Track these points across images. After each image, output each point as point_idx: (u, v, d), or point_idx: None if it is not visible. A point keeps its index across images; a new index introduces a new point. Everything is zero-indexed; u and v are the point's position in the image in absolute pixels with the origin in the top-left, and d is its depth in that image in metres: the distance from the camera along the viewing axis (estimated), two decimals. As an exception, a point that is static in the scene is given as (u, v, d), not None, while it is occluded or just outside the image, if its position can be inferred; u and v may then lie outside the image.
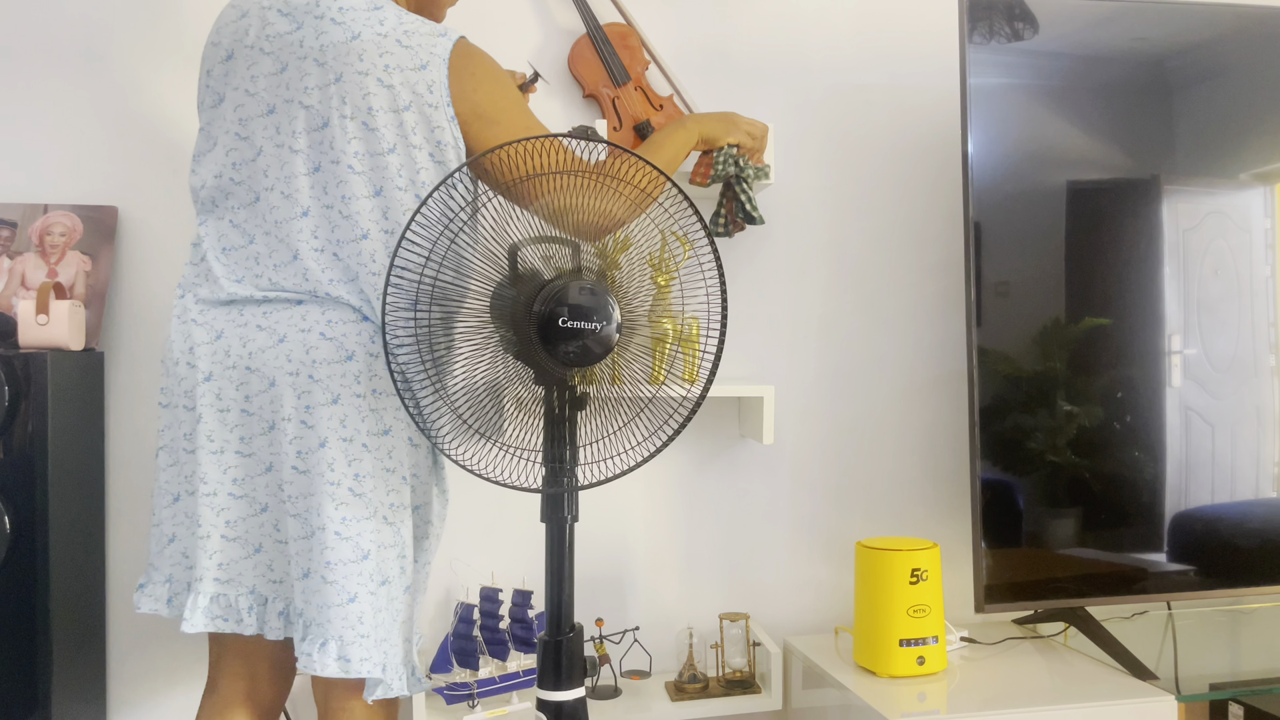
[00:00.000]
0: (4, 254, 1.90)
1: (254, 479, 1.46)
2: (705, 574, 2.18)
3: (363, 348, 1.42)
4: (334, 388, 1.41)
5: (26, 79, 1.95)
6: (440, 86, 1.42)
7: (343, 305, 1.43)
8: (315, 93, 1.43)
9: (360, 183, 1.42)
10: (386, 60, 1.42)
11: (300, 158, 1.44)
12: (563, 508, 1.37)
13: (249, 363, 1.43)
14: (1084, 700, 1.71)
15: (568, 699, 1.35)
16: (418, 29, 1.45)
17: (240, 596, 1.48)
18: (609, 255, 1.38)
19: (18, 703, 1.68)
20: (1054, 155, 1.98)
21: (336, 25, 1.43)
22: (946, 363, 2.27)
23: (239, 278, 1.47)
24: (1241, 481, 2.05)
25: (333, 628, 1.38)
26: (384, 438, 1.43)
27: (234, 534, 1.47)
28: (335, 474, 1.40)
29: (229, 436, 1.45)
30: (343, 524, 1.39)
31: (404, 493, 1.44)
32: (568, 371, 1.34)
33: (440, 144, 1.43)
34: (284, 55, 1.45)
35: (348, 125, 1.42)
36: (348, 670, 1.38)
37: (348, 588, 1.39)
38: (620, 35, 2.08)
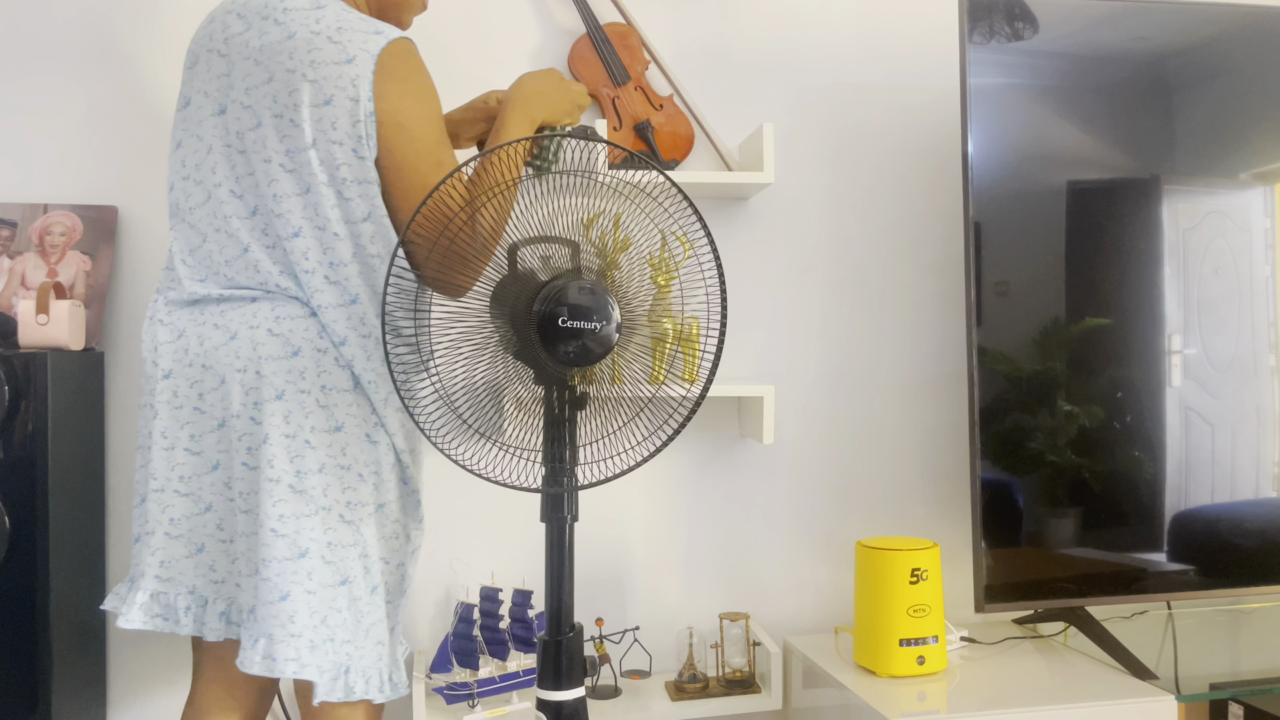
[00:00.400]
0: (4, 254, 1.90)
1: (200, 477, 1.45)
2: (705, 574, 2.18)
3: (310, 343, 1.41)
4: (279, 383, 1.40)
5: (26, 79, 1.95)
6: (364, 81, 1.40)
7: (292, 300, 1.43)
8: (253, 92, 1.43)
9: (290, 180, 1.41)
10: (314, 56, 1.40)
11: (243, 158, 1.44)
12: (563, 508, 1.37)
13: (204, 360, 1.44)
14: (1084, 700, 1.71)
15: (568, 699, 1.35)
16: (354, 26, 1.43)
17: (179, 596, 1.47)
18: (609, 255, 1.38)
19: (18, 703, 1.68)
20: (1054, 155, 1.98)
21: (277, 26, 1.44)
22: (946, 363, 2.27)
23: (202, 277, 1.47)
24: (1241, 481, 2.05)
25: (263, 625, 1.37)
26: (335, 434, 1.41)
27: (177, 532, 1.47)
28: (275, 470, 1.38)
29: (180, 434, 1.46)
30: (279, 521, 1.38)
31: (361, 490, 1.42)
32: (568, 371, 1.34)
33: (360, 139, 1.40)
34: (234, 57, 1.46)
35: (278, 124, 1.41)
36: (272, 669, 1.35)
37: (280, 585, 1.37)
38: (620, 35, 2.08)
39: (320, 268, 1.42)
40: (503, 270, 1.36)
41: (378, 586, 1.45)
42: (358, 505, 1.43)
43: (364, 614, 1.43)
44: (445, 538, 2.08)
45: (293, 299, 1.43)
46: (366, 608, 1.43)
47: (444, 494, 2.07)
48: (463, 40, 2.08)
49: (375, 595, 1.44)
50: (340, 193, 1.41)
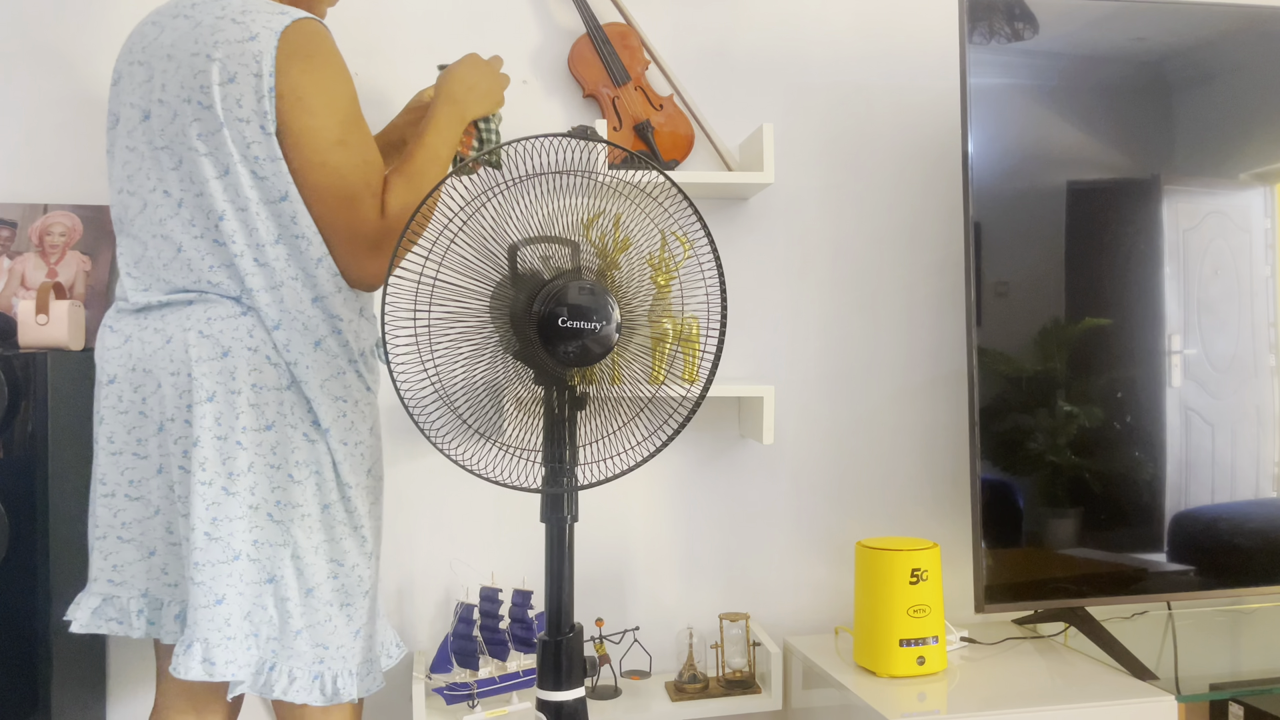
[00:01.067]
0: (4, 254, 1.90)
1: (148, 481, 1.45)
2: (705, 574, 2.18)
3: (240, 343, 1.40)
4: (209, 385, 1.38)
5: (26, 79, 1.95)
6: (267, 57, 1.38)
7: (225, 300, 1.42)
8: (168, 87, 1.43)
9: (209, 164, 1.40)
10: (217, 37, 1.39)
11: (167, 154, 1.43)
12: (563, 508, 1.37)
13: (145, 365, 1.43)
14: (1084, 700, 1.71)
15: (568, 699, 1.35)
16: (259, 8, 1.42)
17: (132, 599, 1.47)
18: (609, 255, 1.38)
19: (18, 703, 1.68)
20: (1054, 155, 1.98)
21: (186, 20, 1.44)
22: (946, 363, 2.27)
23: (145, 286, 1.46)
24: (1241, 481, 2.05)
25: (199, 629, 1.36)
26: (265, 433, 1.40)
27: (129, 535, 1.46)
28: (207, 473, 1.37)
29: (127, 438, 1.45)
30: (213, 524, 1.37)
31: (292, 490, 1.40)
32: (567, 371, 1.34)
33: (265, 114, 1.38)
34: (151, 62, 1.46)
35: (189, 108, 1.40)
36: (211, 674, 1.35)
37: (215, 589, 1.36)
38: (620, 35, 2.08)
39: (249, 250, 1.40)
40: (503, 271, 1.36)
41: (315, 589, 1.42)
42: (288, 506, 1.40)
43: (293, 615, 1.40)
44: (445, 538, 2.08)
45: (225, 298, 1.42)
46: (298, 609, 1.41)
47: (444, 494, 2.07)
48: (463, 41, 2.08)
49: (312, 598, 1.42)
50: (255, 172, 1.40)
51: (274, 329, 1.41)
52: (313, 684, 1.42)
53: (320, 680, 1.42)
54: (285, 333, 1.41)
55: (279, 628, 1.41)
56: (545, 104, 2.11)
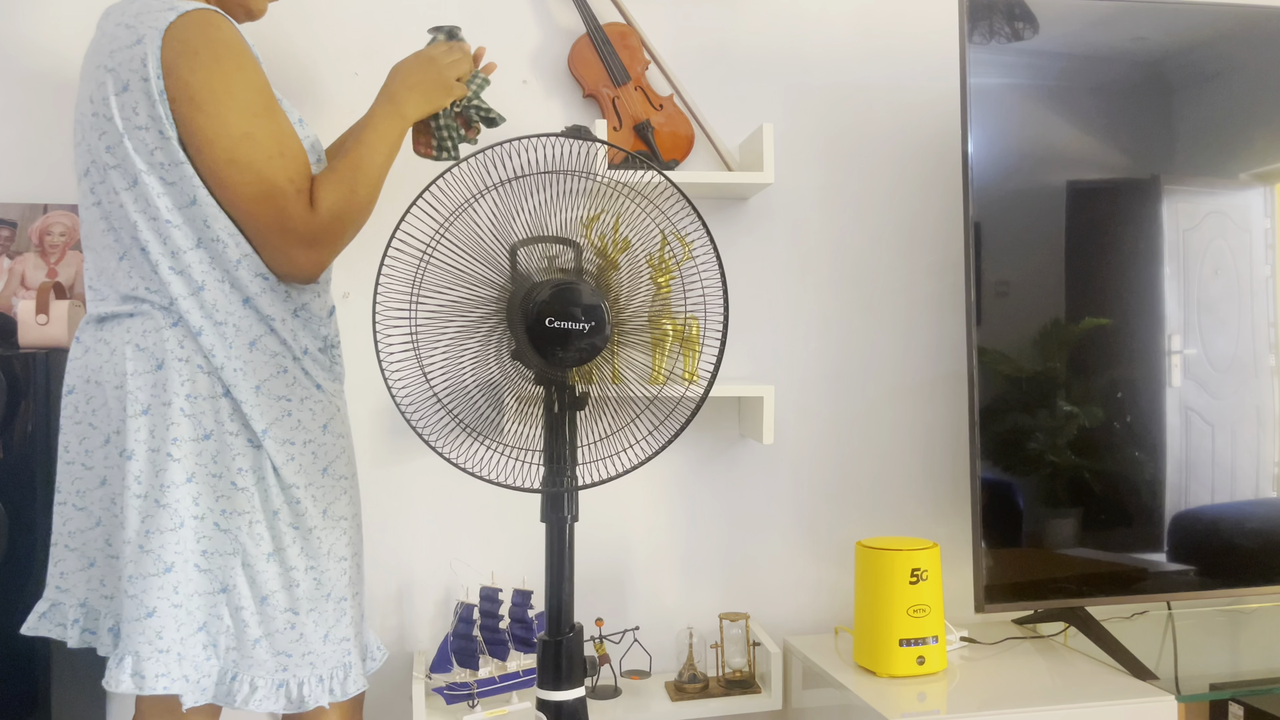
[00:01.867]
0: (4, 254, 1.90)
1: (92, 492, 1.44)
2: (705, 574, 2.18)
3: (171, 354, 1.38)
4: (143, 398, 1.37)
5: (27, 79, 1.95)
6: (152, 59, 1.34)
7: (156, 312, 1.39)
8: (80, 103, 1.43)
9: (117, 176, 1.38)
10: (112, 45, 1.38)
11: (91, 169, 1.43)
12: (563, 508, 1.37)
13: (96, 377, 1.43)
14: (1084, 700, 1.71)
15: (568, 699, 1.35)
16: (151, 7, 1.38)
17: (71, 608, 1.47)
18: (609, 255, 1.38)
19: (18, 703, 1.68)
20: (1054, 155, 1.98)
21: (98, 30, 1.43)
22: (946, 363, 2.27)
23: (102, 296, 1.46)
24: (1241, 481, 2.05)
25: (130, 643, 1.34)
26: (204, 443, 1.38)
27: (74, 545, 1.47)
28: (141, 486, 1.36)
29: (79, 449, 1.46)
30: (145, 536, 1.35)
31: (237, 498, 1.38)
32: (567, 371, 1.34)
33: (160, 119, 1.35)
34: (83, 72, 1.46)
35: (95, 121, 1.39)
36: (142, 687, 1.33)
37: (146, 602, 1.34)
38: (620, 35, 2.08)
39: (164, 258, 1.38)
40: (504, 271, 1.36)
41: (269, 596, 1.40)
42: (234, 514, 1.39)
43: (249, 624, 1.39)
44: (445, 538, 2.08)
45: (157, 310, 1.40)
46: (253, 617, 1.39)
47: (444, 494, 2.07)
48: (463, 40, 2.08)
49: (267, 605, 1.40)
50: (162, 179, 1.37)
51: (198, 335, 1.38)
52: (276, 692, 1.40)
53: (285, 688, 1.41)
54: (210, 337, 1.39)
55: (236, 637, 1.39)
56: (545, 104, 2.11)
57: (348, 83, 2.04)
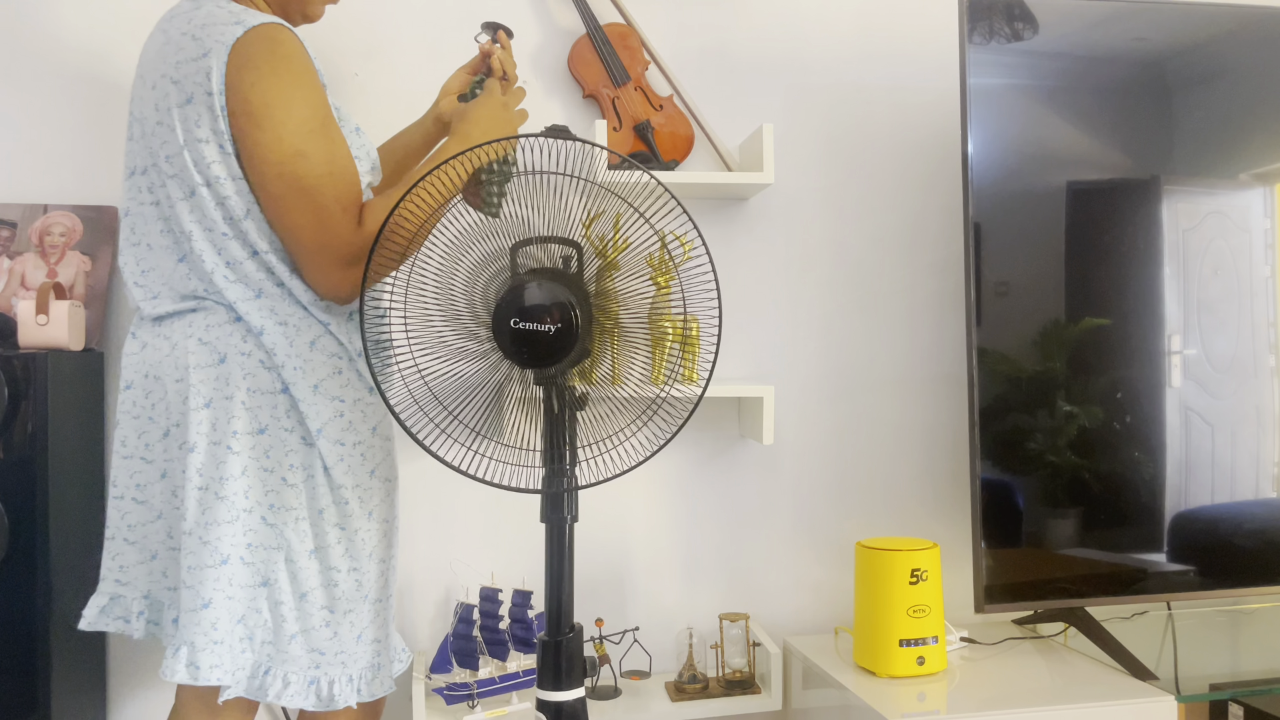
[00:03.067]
0: (4, 254, 1.90)
1: (153, 485, 1.46)
2: (705, 574, 2.18)
3: (234, 348, 1.40)
4: (206, 391, 1.39)
5: (27, 79, 1.95)
6: (216, 74, 1.35)
7: (220, 308, 1.42)
8: (144, 106, 1.44)
9: (175, 185, 1.40)
10: (178, 56, 1.39)
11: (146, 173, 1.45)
12: (562, 508, 1.37)
13: (155, 371, 1.45)
14: (1084, 700, 1.71)
15: (568, 699, 1.36)
16: (217, 20, 1.39)
17: (135, 600, 1.49)
18: (609, 256, 1.38)
19: (18, 703, 1.68)
20: (1054, 155, 1.98)
21: (162, 34, 1.44)
22: (946, 363, 2.27)
23: (154, 295, 1.47)
24: (1241, 481, 2.05)
25: (185, 633, 1.36)
26: (259, 437, 1.40)
27: (134, 538, 1.48)
28: (202, 478, 1.38)
29: (137, 443, 1.47)
30: (204, 528, 1.37)
31: (286, 494, 1.41)
32: (564, 373, 1.34)
33: (222, 134, 1.37)
34: (142, 73, 1.46)
35: (159, 130, 1.41)
36: (196, 678, 1.35)
37: (202, 593, 1.36)
38: (620, 35, 2.08)
39: (219, 267, 1.41)
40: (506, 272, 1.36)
41: (309, 593, 1.42)
42: (282, 509, 1.40)
43: (287, 619, 1.41)
44: (445, 538, 2.08)
45: (220, 305, 1.42)
46: (292, 613, 1.41)
47: (444, 494, 2.07)
48: (463, 41, 2.08)
49: (305, 602, 1.42)
50: (218, 192, 1.39)
51: (259, 334, 1.40)
52: (308, 689, 1.42)
53: (316, 685, 1.42)
54: (273, 336, 1.41)
55: (273, 631, 1.41)
56: (545, 104, 2.11)
57: (348, 83, 2.04)
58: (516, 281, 1.30)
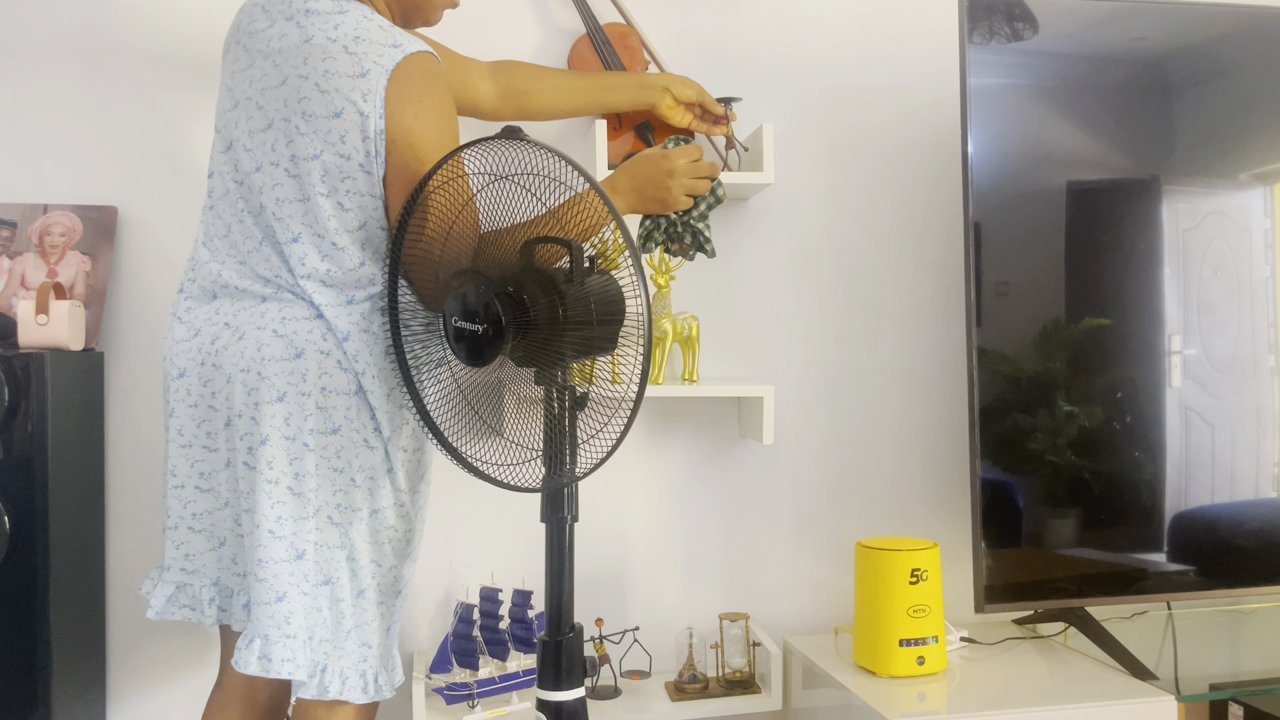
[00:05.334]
0: (4, 254, 1.90)
1: (218, 473, 1.47)
2: (705, 574, 2.18)
3: (313, 345, 1.40)
4: (280, 385, 1.39)
5: (27, 79, 1.95)
6: (376, 97, 1.37)
7: (299, 301, 1.43)
8: (267, 93, 1.43)
9: (292, 185, 1.41)
10: (328, 65, 1.39)
11: (251, 156, 1.45)
12: (562, 507, 1.37)
13: (215, 360, 1.44)
14: (1084, 700, 1.71)
15: (568, 699, 1.36)
16: (371, 36, 1.40)
17: (204, 588, 1.50)
18: (609, 256, 1.37)
19: (18, 702, 1.68)
20: (1054, 155, 1.98)
21: (298, 28, 1.43)
22: (946, 363, 2.26)
23: (222, 260, 1.48)
24: (1241, 481, 2.05)
25: (259, 625, 1.38)
26: (331, 436, 1.41)
27: (200, 526, 1.49)
28: (274, 471, 1.39)
29: (197, 431, 1.47)
30: (277, 522, 1.38)
31: (353, 494, 1.42)
32: (565, 371, 1.34)
33: (369, 155, 1.39)
34: (253, 52, 1.46)
35: (286, 128, 1.41)
36: (268, 670, 1.37)
37: (277, 586, 1.38)
38: (620, 35, 2.08)
39: (317, 273, 1.42)
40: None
41: (365, 590, 1.45)
42: (348, 509, 1.42)
43: (345, 615, 1.43)
44: (445, 538, 2.08)
45: (300, 300, 1.43)
46: (349, 610, 1.43)
47: (444, 494, 2.07)
48: (463, 40, 2.08)
49: (362, 599, 1.44)
50: (341, 204, 1.41)
51: (345, 339, 1.41)
52: (360, 682, 1.44)
53: (364, 678, 1.45)
54: (355, 344, 1.42)
55: (332, 629, 1.42)
56: (545, 104, 2.11)
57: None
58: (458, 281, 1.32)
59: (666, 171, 1.58)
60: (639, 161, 1.59)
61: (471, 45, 2.07)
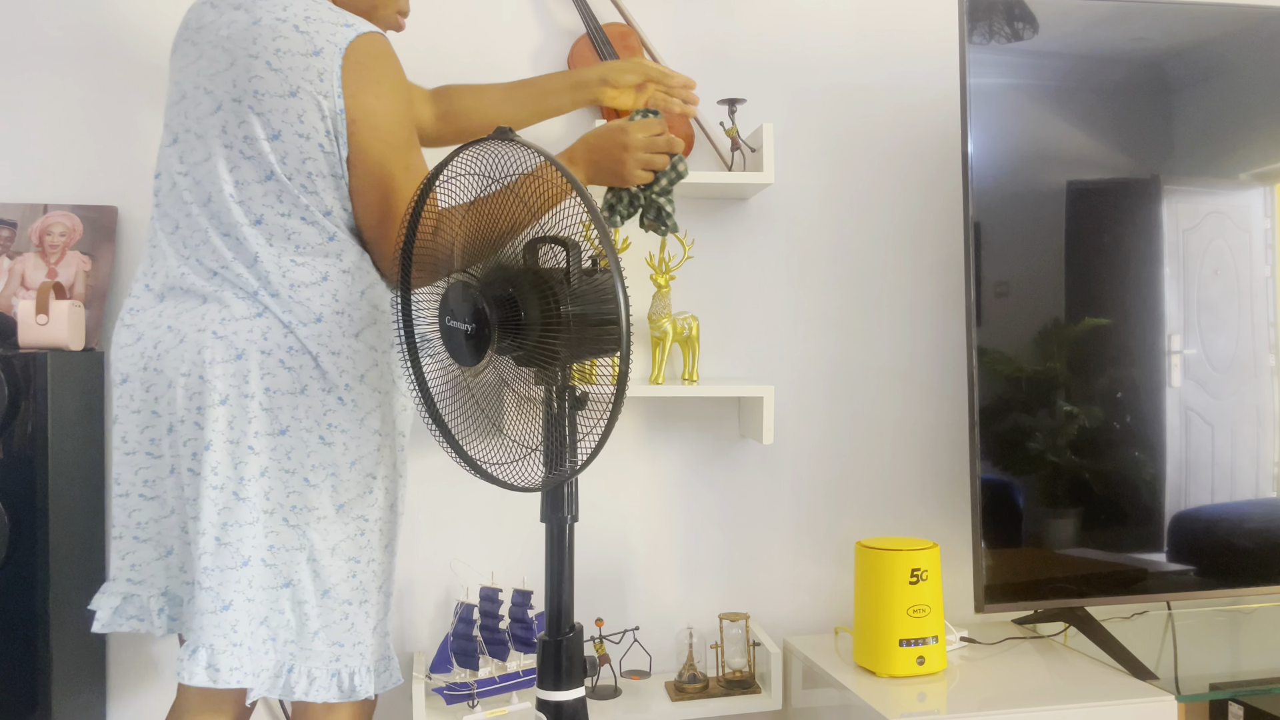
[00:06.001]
0: (4, 254, 1.90)
1: (163, 480, 1.44)
2: (705, 574, 2.18)
3: (254, 345, 1.37)
4: (222, 388, 1.36)
5: (27, 79, 1.95)
6: (332, 76, 1.36)
7: (241, 300, 1.40)
8: (215, 78, 1.41)
9: (250, 167, 1.39)
10: (279, 44, 1.37)
11: (202, 143, 1.42)
12: (562, 507, 1.37)
13: (157, 364, 1.41)
14: (1084, 700, 1.71)
15: (568, 699, 1.36)
16: (322, 16, 1.39)
17: (152, 598, 1.47)
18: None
19: (18, 702, 1.68)
20: (1054, 155, 1.98)
21: (246, 14, 1.42)
22: (946, 363, 2.27)
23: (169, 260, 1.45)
24: (1241, 481, 2.05)
25: (204, 635, 1.35)
26: (280, 438, 1.38)
27: (146, 535, 1.46)
28: (218, 477, 1.36)
29: (140, 438, 1.44)
30: (222, 529, 1.35)
31: (308, 494, 1.39)
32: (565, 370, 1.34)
33: (329, 134, 1.38)
34: (202, 45, 1.44)
35: (237, 109, 1.39)
36: (216, 680, 1.34)
37: (222, 594, 1.35)
38: (620, 35, 2.08)
39: (286, 253, 1.39)
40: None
41: (332, 589, 1.41)
42: (304, 510, 1.39)
43: (310, 617, 1.40)
44: (445, 538, 2.08)
45: (243, 298, 1.40)
46: (315, 611, 1.40)
47: (444, 494, 2.07)
48: (463, 40, 2.08)
49: (329, 599, 1.41)
50: (305, 186, 1.39)
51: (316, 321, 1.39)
52: (331, 681, 1.42)
53: (338, 677, 1.42)
54: (327, 325, 1.39)
55: (297, 630, 1.41)
56: (545, 104, 2.11)
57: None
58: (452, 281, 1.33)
59: (622, 145, 1.56)
60: (598, 132, 1.57)
61: (472, 45, 2.08)
